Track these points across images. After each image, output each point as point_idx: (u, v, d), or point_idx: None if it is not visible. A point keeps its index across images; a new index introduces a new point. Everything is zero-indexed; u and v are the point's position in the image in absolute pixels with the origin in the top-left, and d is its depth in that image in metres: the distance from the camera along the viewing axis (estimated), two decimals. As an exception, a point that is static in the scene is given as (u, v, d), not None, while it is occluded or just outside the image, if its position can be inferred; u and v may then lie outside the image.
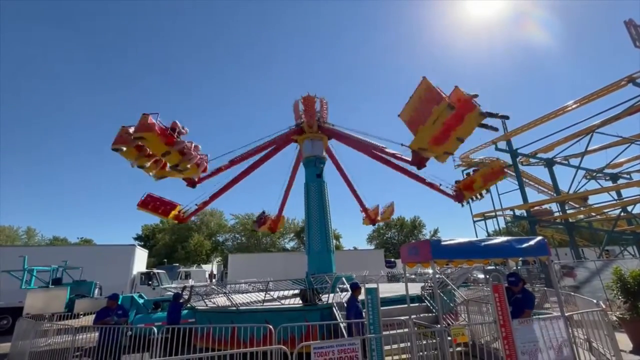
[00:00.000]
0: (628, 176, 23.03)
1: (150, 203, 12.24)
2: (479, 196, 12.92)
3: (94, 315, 11.76)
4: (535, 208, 23.00)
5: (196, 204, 13.88)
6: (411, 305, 6.96)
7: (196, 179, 11.67)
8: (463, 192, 12.89)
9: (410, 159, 10.76)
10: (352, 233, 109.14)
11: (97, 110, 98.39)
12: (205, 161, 10.25)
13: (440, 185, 13.51)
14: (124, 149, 8.53)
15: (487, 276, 19.12)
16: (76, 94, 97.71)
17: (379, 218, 18.56)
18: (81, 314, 11.83)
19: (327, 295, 8.61)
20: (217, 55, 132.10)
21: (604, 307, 6.12)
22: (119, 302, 7.74)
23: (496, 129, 8.66)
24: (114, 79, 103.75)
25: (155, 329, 6.76)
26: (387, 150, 12.78)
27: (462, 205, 13.84)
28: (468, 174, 14.15)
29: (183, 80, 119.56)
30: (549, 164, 23.84)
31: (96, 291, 13.45)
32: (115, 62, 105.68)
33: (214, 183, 13.66)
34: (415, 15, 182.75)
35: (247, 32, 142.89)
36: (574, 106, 20.58)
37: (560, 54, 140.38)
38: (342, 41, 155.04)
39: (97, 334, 6.77)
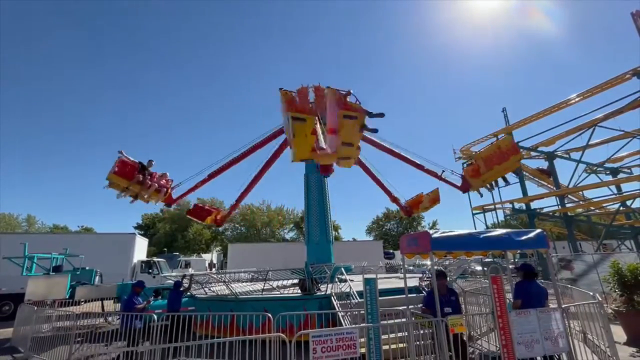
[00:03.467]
0: (629, 170, 22.98)
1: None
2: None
3: (95, 302, 11.98)
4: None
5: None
6: (409, 295, 7.02)
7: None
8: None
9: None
10: (351, 224, 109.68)
11: (97, 101, 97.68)
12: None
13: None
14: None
15: (485, 268, 19.29)
16: (77, 84, 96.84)
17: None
18: (82, 301, 11.95)
19: (325, 285, 8.69)
20: (213, 52, 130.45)
21: (600, 299, 6.18)
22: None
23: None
24: (112, 74, 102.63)
25: (155, 316, 6.84)
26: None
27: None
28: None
29: (183, 78, 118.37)
30: (550, 157, 23.76)
31: (97, 279, 13.55)
32: (114, 58, 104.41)
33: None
34: (420, 6, 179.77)
35: (246, 29, 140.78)
36: (577, 99, 20.40)
37: (566, 45, 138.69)
38: (342, 36, 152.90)
39: (118, 319, 6.79)
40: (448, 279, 9.42)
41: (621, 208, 19.92)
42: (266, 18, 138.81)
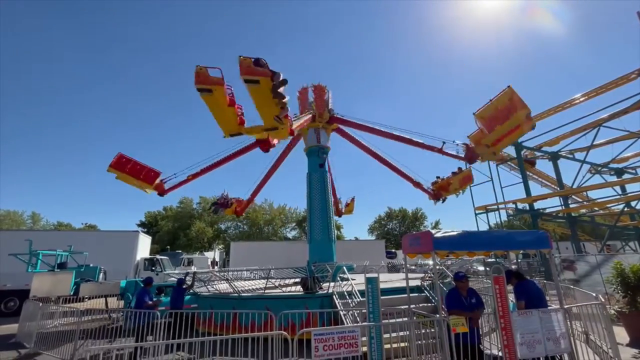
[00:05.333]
0: (633, 171, 22.80)
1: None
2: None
3: (98, 299, 12.08)
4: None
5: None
6: (411, 295, 7.03)
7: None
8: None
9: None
10: (353, 223, 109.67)
11: (100, 99, 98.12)
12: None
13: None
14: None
15: (487, 268, 19.24)
16: (80, 80, 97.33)
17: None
18: (86, 298, 12.05)
19: (327, 284, 8.71)
20: (211, 50, 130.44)
21: (603, 300, 6.16)
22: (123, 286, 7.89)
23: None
24: (113, 71, 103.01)
25: (158, 314, 6.89)
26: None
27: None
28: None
29: (186, 73, 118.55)
30: (554, 157, 23.62)
31: (101, 275, 13.65)
32: (114, 55, 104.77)
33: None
34: (422, 5, 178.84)
35: (245, 27, 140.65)
36: (581, 99, 20.25)
37: (570, 44, 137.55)
38: (344, 34, 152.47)
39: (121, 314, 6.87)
40: (448, 278, 9.48)
41: (626, 209, 19.78)
42: (267, 17, 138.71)
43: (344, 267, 9.67)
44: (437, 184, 14.25)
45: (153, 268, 18.25)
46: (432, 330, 5.28)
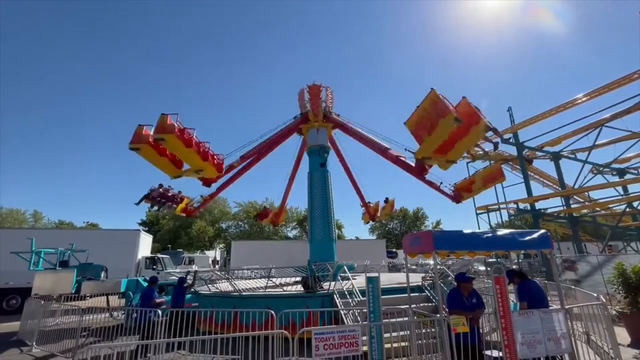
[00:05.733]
0: (636, 171, 22.73)
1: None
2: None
3: (100, 297, 12.11)
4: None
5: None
6: (412, 294, 7.03)
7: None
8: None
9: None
10: (354, 223, 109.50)
11: (103, 98, 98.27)
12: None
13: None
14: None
15: (488, 268, 19.22)
16: (82, 79, 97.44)
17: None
18: (88, 296, 12.09)
19: (328, 283, 8.71)
20: (220, 50, 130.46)
21: (604, 300, 6.15)
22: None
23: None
24: (120, 71, 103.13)
25: (159, 312, 6.91)
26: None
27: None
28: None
29: (187, 74, 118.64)
30: (556, 157, 23.55)
31: (102, 274, 13.68)
32: (122, 55, 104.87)
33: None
34: (422, 5, 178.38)
35: (251, 26, 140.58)
36: (583, 99, 20.18)
37: (572, 44, 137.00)
38: (345, 35, 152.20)
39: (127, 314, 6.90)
40: (449, 278, 9.47)
41: (627, 209, 19.72)
42: (268, 17, 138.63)
43: (345, 267, 9.67)
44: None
45: (154, 267, 18.29)
46: (433, 329, 5.28)
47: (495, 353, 4.92)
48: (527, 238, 5.43)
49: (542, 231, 5.59)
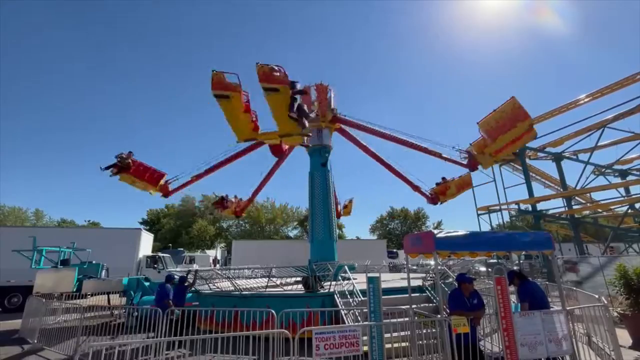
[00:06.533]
0: (638, 173, 22.65)
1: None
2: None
3: (101, 296, 12.15)
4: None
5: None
6: (412, 295, 7.02)
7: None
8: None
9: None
10: (355, 223, 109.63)
11: (105, 98, 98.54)
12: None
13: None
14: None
15: (489, 269, 19.18)
16: (84, 79, 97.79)
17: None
18: (89, 294, 12.13)
19: (329, 283, 8.71)
20: (220, 50, 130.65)
21: (605, 302, 6.13)
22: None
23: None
24: (124, 70, 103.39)
25: (160, 311, 6.92)
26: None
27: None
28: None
29: (187, 74, 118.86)
30: (557, 158, 23.49)
31: (103, 272, 13.73)
32: (126, 54, 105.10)
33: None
34: (424, 5, 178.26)
35: (250, 27, 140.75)
36: (586, 100, 20.11)
37: (575, 44, 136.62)
38: (347, 35, 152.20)
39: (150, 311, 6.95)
40: (450, 278, 9.45)
41: (630, 211, 19.65)
42: (268, 17, 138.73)
43: (346, 267, 9.67)
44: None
45: (155, 266, 18.33)
46: (434, 330, 5.27)
47: (496, 354, 4.92)
48: (528, 239, 5.43)
49: (544, 232, 5.59)
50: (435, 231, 5.37)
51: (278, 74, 7.73)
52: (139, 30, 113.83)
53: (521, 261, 22.84)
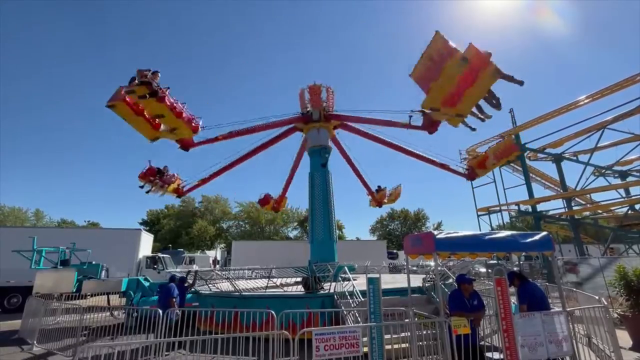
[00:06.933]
0: (638, 174, 22.67)
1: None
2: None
3: (101, 297, 12.13)
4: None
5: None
6: (412, 296, 7.02)
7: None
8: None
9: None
10: (355, 224, 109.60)
11: (105, 98, 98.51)
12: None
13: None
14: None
15: (489, 270, 19.16)
16: (84, 79, 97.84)
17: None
18: (89, 295, 12.10)
19: (329, 284, 8.70)
20: (218, 47, 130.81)
21: (605, 303, 6.12)
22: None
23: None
24: (122, 69, 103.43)
25: (160, 311, 6.92)
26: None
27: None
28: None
29: (186, 73, 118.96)
30: (557, 159, 23.50)
31: (103, 273, 13.71)
32: (123, 54, 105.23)
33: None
34: (424, 5, 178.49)
35: (250, 24, 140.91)
36: (586, 101, 20.13)
37: (575, 45, 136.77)
38: (346, 35, 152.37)
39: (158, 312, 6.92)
40: (451, 279, 9.45)
41: (629, 212, 19.65)
42: (272, 19, 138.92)
43: (346, 267, 9.67)
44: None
45: (155, 266, 18.31)
46: (434, 331, 5.27)
47: (496, 355, 4.91)
48: (529, 240, 5.42)
49: (544, 233, 5.59)
50: (435, 232, 5.37)
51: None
52: (139, 28, 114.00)
53: (521, 262, 22.82)
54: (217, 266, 30.71)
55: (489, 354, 5.13)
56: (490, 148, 12.51)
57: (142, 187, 11.95)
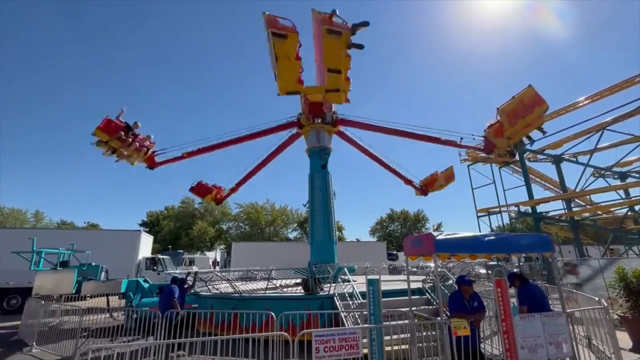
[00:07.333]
0: (637, 175, 22.69)
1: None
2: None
3: (100, 298, 12.11)
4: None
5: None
6: (412, 297, 7.01)
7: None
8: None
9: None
10: (355, 225, 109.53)
11: (105, 98, 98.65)
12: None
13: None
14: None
15: (489, 271, 19.15)
16: (84, 79, 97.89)
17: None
18: (88, 296, 12.08)
19: (328, 285, 8.69)
20: (216, 49, 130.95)
21: (605, 304, 6.12)
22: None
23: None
24: (121, 70, 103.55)
25: (159, 313, 6.90)
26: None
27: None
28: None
29: (185, 75, 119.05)
30: (557, 160, 23.52)
31: (102, 274, 13.67)
32: (122, 54, 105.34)
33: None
34: (424, 6, 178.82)
35: (249, 24, 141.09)
36: (585, 102, 20.18)
37: (575, 46, 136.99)
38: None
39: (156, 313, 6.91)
40: (450, 280, 9.45)
41: (629, 213, 19.66)
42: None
43: (345, 269, 9.65)
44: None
45: (155, 267, 18.26)
46: (434, 332, 5.26)
47: (496, 357, 4.91)
48: (528, 241, 5.43)
49: (543, 234, 5.59)
50: (435, 233, 5.36)
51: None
52: (137, 25, 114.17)
53: (521, 263, 22.81)
54: (217, 267, 30.67)
55: (489, 356, 5.13)
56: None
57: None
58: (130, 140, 10.52)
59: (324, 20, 7.72)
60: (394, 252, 34.83)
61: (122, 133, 10.22)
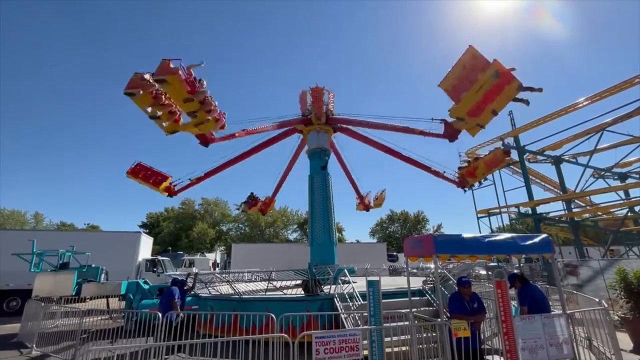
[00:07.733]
0: (637, 176, 22.70)
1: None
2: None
3: (100, 300, 12.08)
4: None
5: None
6: (412, 298, 7.01)
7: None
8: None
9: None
10: (355, 226, 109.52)
11: (105, 100, 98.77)
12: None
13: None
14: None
15: (489, 272, 19.13)
16: (85, 81, 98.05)
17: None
18: (88, 298, 12.07)
19: (329, 287, 8.68)
20: (217, 51, 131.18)
21: (606, 306, 6.11)
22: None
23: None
24: (121, 71, 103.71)
25: (159, 315, 6.89)
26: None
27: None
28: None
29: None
30: (557, 161, 23.54)
31: (102, 276, 13.66)
32: (122, 54, 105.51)
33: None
34: (424, 6, 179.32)
35: (249, 26, 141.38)
36: (584, 103, 20.20)
37: (574, 47, 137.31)
38: (346, 36, 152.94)
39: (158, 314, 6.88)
40: (450, 281, 9.44)
41: (629, 214, 19.66)
42: (272, 19, 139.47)
43: (345, 270, 9.65)
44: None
45: (154, 269, 18.24)
46: (434, 334, 5.26)
47: (496, 358, 4.90)
48: (529, 242, 5.43)
49: (544, 235, 5.60)
50: (435, 234, 5.37)
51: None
52: (136, 29, 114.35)
53: (521, 264, 22.80)
54: (217, 269, 30.64)
55: (489, 357, 5.12)
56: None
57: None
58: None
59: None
60: (394, 254, 34.81)
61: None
